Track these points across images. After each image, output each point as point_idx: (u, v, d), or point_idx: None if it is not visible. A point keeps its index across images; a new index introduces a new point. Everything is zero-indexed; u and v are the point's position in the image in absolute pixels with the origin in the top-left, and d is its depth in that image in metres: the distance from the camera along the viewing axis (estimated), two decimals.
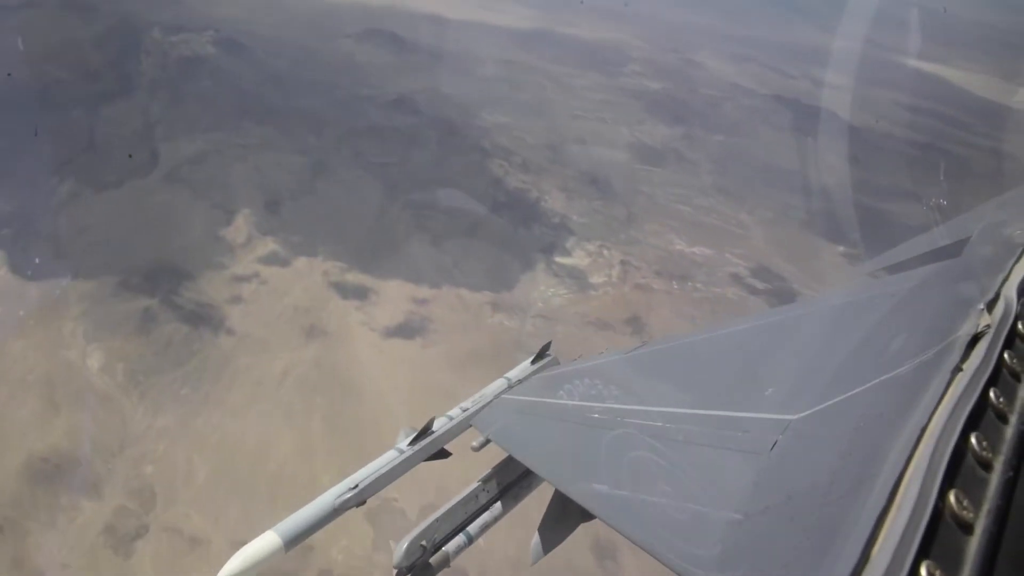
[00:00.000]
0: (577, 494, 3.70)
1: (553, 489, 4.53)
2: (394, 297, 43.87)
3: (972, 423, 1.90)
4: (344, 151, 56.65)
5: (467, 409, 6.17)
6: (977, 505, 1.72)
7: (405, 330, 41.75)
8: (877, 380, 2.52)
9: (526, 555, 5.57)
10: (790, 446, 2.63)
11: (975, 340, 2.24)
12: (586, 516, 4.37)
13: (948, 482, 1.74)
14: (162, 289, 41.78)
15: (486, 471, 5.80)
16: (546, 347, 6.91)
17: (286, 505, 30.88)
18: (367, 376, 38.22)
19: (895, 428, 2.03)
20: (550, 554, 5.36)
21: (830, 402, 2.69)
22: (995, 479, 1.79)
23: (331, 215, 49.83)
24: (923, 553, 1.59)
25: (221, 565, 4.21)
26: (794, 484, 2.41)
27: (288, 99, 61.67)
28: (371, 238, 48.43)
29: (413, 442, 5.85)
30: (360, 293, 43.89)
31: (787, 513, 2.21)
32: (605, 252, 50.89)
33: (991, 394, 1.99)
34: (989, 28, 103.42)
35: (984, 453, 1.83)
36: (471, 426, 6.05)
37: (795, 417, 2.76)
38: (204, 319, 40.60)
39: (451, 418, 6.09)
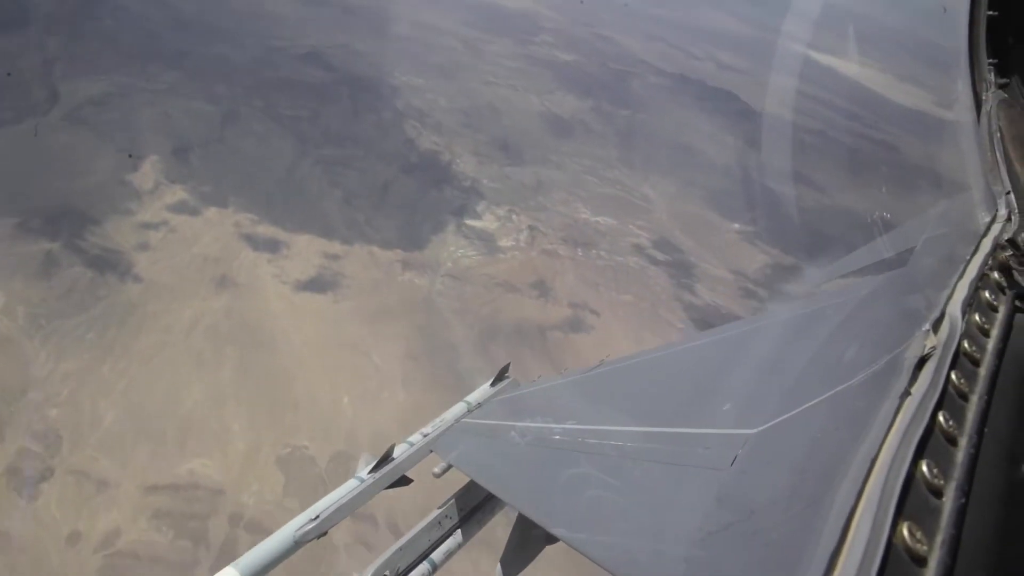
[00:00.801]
0: (539, 517, 3.67)
1: (516, 513, 4.36)
2: (305, 251, 44.08)
3: (922, 450, 1.90)
4: (255, 102, 55.87)
5: (427, 434, 6.01)
6: (930, 536, 1.72)
7: (317, 284, 42.11)
8: (830, 392, 2.57)
9: None
10: (750, 460, 2.66)
11: (922, 362, 2.26)
12: (550, 539, 4.28)
13: (900, 513, 1.73)
14: (64, 233, 40.70)
15: (447, 497, 5.60)
16: (504, 369, 6.84)
17: (196, 451, 31.26)
18: (278, 328, 38.53)
19: (846, 455, 2.03)
20: None
21: (786, 415, 2.74)
22: (947, 506, 1.80)
23: (242, 166, 49.32)
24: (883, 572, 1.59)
25: (130, 507, 4.65)
26: (755, 499, 2.46)
27: (196, 45, 60.14)
28: (282, 191, 48.28)
29: (374, 470, 5.62)
30: (271, 246, 43.89)
31: (749, 529, 2.26)
32: (514, 217, 52.24)
33: (940, 417, 2.00)
34: (883, 27, 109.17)
35: (935, 480, 1.83)
36: (432, 452, 5.90)
37: (754, 431, 2.79)
38: (110, 265, 39.89)
39: (411, 444, 5.92)
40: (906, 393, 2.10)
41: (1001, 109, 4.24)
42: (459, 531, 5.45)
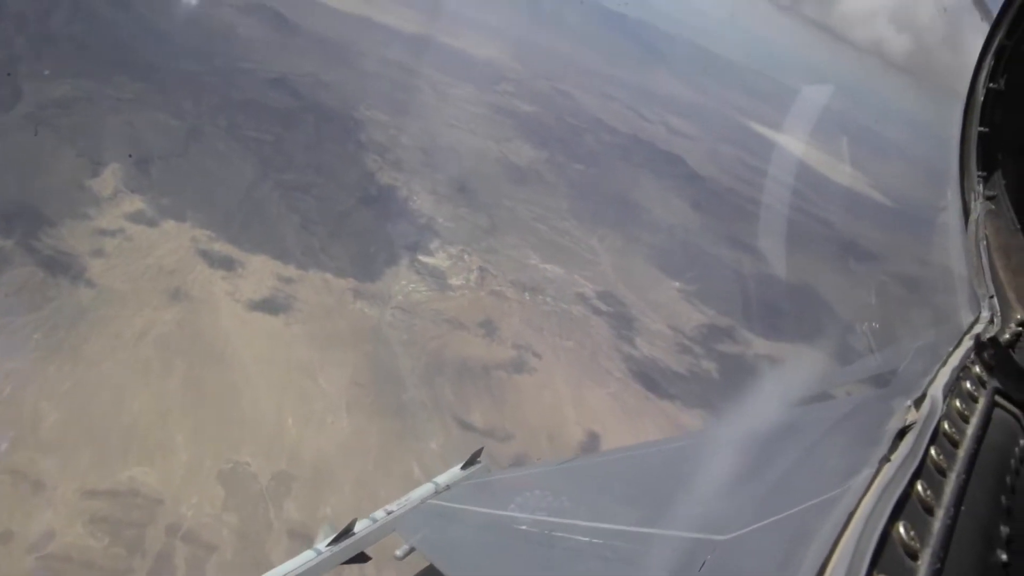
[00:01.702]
0: None
1: None
2: (260, 272, 44.56)
3: (899, 511, 1.90)
4: (220, 120, 56.41)
5: (392, 512, 5.98)
6: None
7: (270, 305, 42.56)
8: (808, 504, 2.54)
9: None
10: (718, 567, 2.63)
11: (902, 433, 2.29)
12: None
13: (874, 566, 1.73)
14: (18, 231, 40.49)
15: None
16: (477, 454, 6.83)
17: (137, 458, 31.36)
18: (229, 345, 38.85)
19: (825, 510, 2.05)
20: None
21: (758, 525, 2.73)
22: (922, 570, 1.79)
23: (202, 182, 49.66)
24: None
25: (66, 510, 5.00)
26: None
27: (166, 59, 60.47)
28: (241, 211, 48.76)
29: (333, 542, 5.65)
30: (227, 263, 44.25)
31: None
32: (466, 257, 53.54)
33: (918, 486, 2.00)
34: (826, 110, 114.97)
35: (911, 543, 1.82)
36: (395, 531, 5.90)
37: (723, 538, 2.77)
38: (63, 267, 39.78)
39: (374, 520, 5.90)
40: (886, 459, 2.12)
41: (988, 219, 4.52)
42: None
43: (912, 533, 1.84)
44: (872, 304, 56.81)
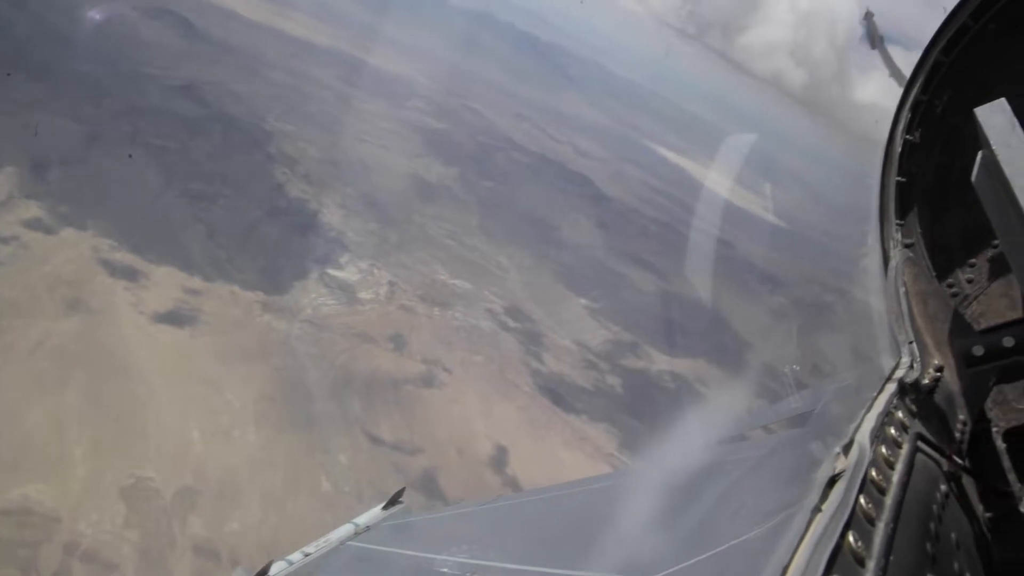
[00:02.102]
0: None
1: None
2: (165, 283, 43.59)
3: (832, 564, 1.85)
4: (123, 126, 54.77)
5: (309, 554, 5.55)
6: None
7: (175, 318, 41.70)
8: (736, 552, 2.55)
9: None
10: None
11: (832, 481, 2.25)
12: None
13: None
14: None
15: None
16: (399, 494, 6.37)
17: (32, 475, 30.28)
18: (132, 357, 37.87)
19: (757, 564, 2.00)
20: None
21: (682, 565, 2.71)
22: None
23: (104, 190, 48.14)
24: None
25: None
26: None
27: (64, 60, 58.27)
28: (145, 221, 47.53)
29: None
30: (130, 274, 43.13)
31: None
32: (375, 271, 53.60)
33: (849, 537, 1.97)
34: (721, 131, 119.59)
35: None
36: (312, 574, 5.43)
37: None
38: None
39: (291, 563, 5.41)
40: (817, 509, 2.10)
41: (906, 266, 4.64)
42: None
43: None
44: (769, 326, 59.57)
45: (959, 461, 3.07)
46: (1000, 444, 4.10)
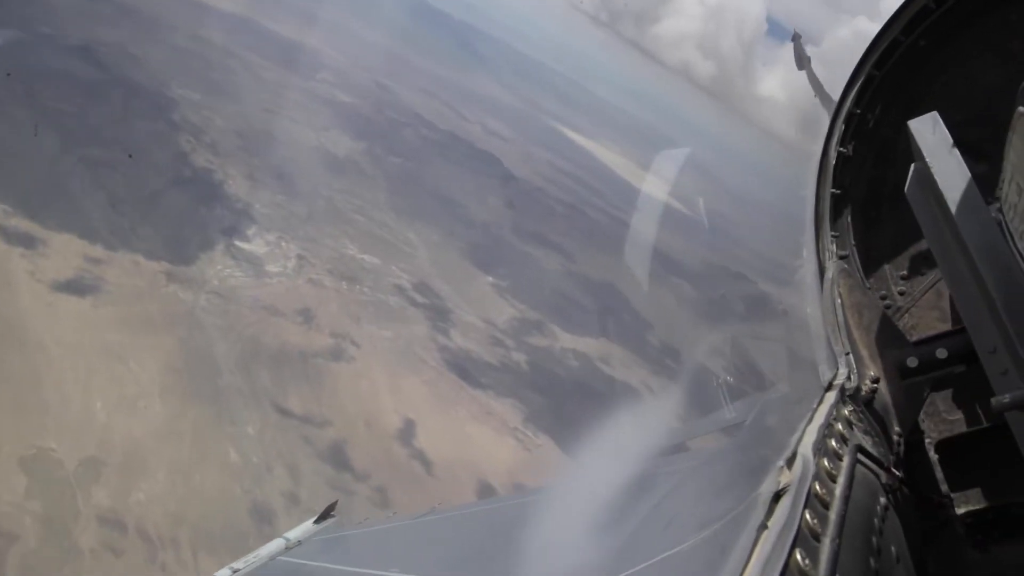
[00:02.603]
0: None
1: None
2: (64, 251, 42.25)
3: None
4: (15, 87, 52.36)
5: (238, 570, 5.69)
6: None
7: (76, 287, 40.56)
8: (672, 552, 2.52)
9: None
10: None
11: (777, 497, 2.20)
12: None
13: None
14: None
15: None
16: (331, 507, 6.70)
17: None
18: (30, 327, 36.75)
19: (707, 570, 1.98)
20: None
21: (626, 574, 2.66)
22: None
23: None
24: None
25: None
26: None
27: None
28: (42, 186, 45.76)
29: None
30: (27, 241, 41.60)
31: None
32: (283, 244, 53.24)
33: (797, 555, 1.93)
34: (629, 117, 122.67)
35: None
36: None
37: None
38: None
39: None
40: (763, 526, 2.08)
41: (841, 278, 4.63)
42: None
43: None
44: (669, 308, 62.05)
45: (897, 473, 3.07)
46: (932, 455, 4.12)
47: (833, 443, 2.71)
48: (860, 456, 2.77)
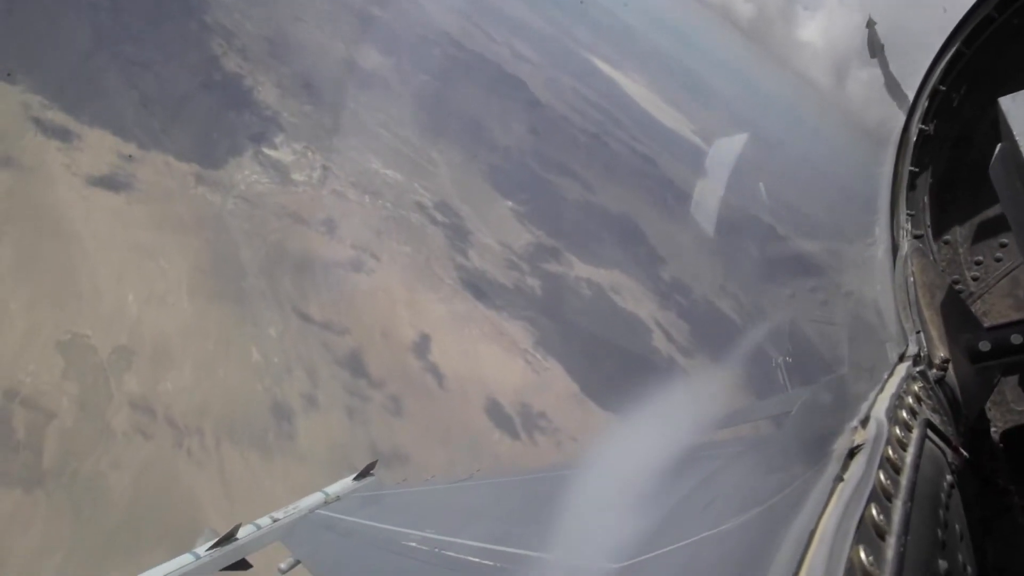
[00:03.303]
0: None
1: None
2: (99, 147, 43.12)
3: (857, 535, 1.84)
4: None
5: (278, 520, 5.84)
6: None
7: (109, 182, 41.57)
8: (752, 521, 2.48)
9: None
10: None
11: (852, 453, 2.23)
12: None
13: None
14: None
15: None
16: (371, 466, 6.85)
17: None
18: (66, 218, 37.93)
19: (781, 532, 1.98)
20: None
21: (652, 554, 2.65)
22: None
23: (32, 45, 46.59)
24: None
25: None
26: None
27: None
28: (76, 80, 46.39)
29: (214, 547, 5.51)
30: (62, 134, 42.46)
31: None
32: (309, 154, 53.83)
33: (872, 509, 1.94)
34: (661, 52, 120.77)
35: (871, 568, 1.76)
36: (280, 540, 5.76)
37: (616, 566, 2.70)
38: None
39: (259, 527, 5.75)
40: (839, 478, 2.08)
41: (915, 257, 4.52)
42: None
43: (871, 559, 1.80)
44: (683, 243, 62.66)
45: (964, 453, 3.02)
46: (997, 443, 4.04)
47: (904, 414, 2.75)
48: (929, 431, 2.76)
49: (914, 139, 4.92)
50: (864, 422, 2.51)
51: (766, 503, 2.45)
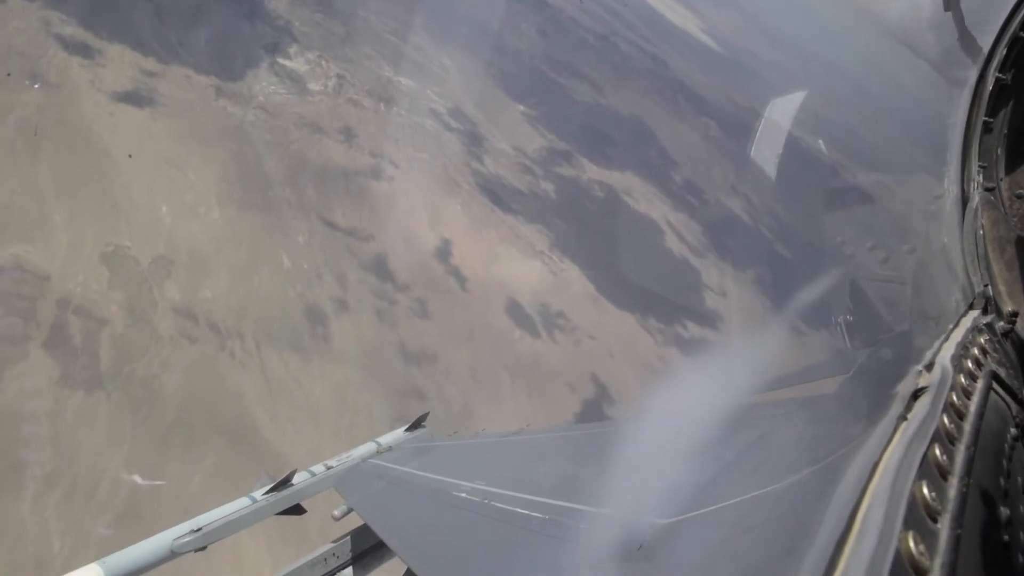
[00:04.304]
0: None
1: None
2: (119, 62, 43.66)
3: (920, 470, 1.84)
4: None
5: (331, 467, 5.99)
6: (931, 553, 1.65)
7: (134, 98, 42.27)
8: (809, 443, 2.56)
9: None
10: (660, 549, 2.54)
11: (916, 395, 2.24)
12: None
13: (905, 524, 1.66)
14: None
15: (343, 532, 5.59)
16: (422, 418, 6.86)
17: (17, 236, 32.47)
18: (95, 134, 38.88)
19: (843, 462, 2.00)
20: None
21: (703, 510, 2.63)
22: (943, 533, 1.72)
23: None
24: None
25: None
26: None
27: None
28: None
29: (270, 492, 5.60)
30: (84, 51, 42.94)
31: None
32: (323, 64, 54.16)
33: (936, 449, 1.94)
34: None
35: (933, 503, 1.76)
36: (333, 487, 5.92)
37: (665, 522, 2.64)
38: None
39: (313, 474, 5.90)
40: (903, 418, 2.09)
41: (985, 210, 4.40)
42: (343, 572, 5.40)
43: (933, 495, 1.80)
44: (694, 144, 63.21)
45: None
46: None
47: (969, 364, 2.72)
48: (994, 383, 2.73)
49: (990, 88, 4.78)
50: (929, 367, 2.54)
51: (826, 449, 2.41)
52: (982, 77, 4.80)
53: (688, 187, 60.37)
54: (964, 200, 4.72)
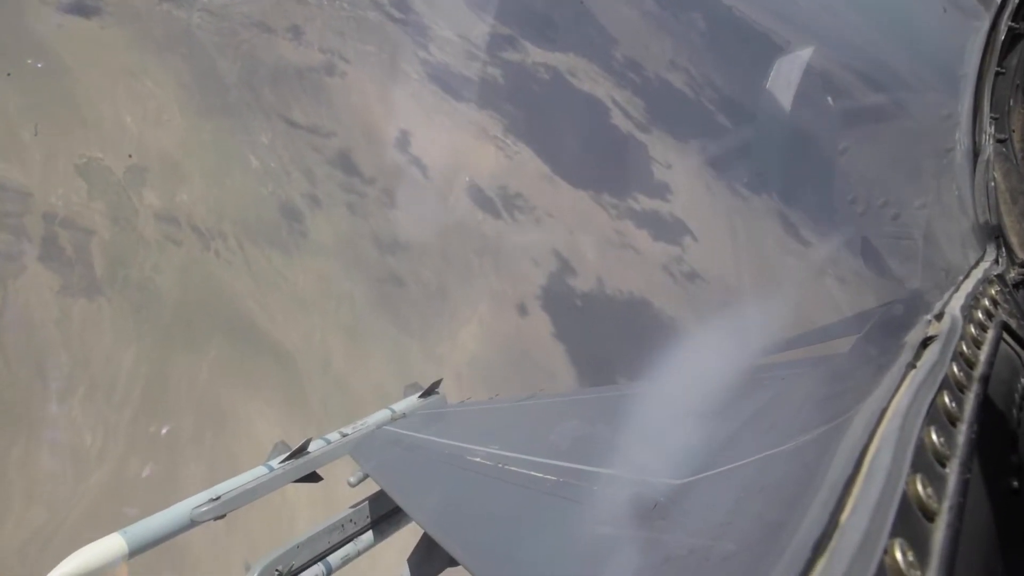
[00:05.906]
0: (446, 542, 3.63)
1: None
2: None
3: (929, 416, 1.84)
4: None
5: (347, 435, 6.02)
6: (939, 496, 1.65)
7: (80, 8, 41.76)
8: (818, 388, 2.61)
9: None
10: (674, 508, 2.54)
11: (925, 343, 2.23)
12: (453, 561, 3.77)
13: (913, 467, 1.66)
14: None
15: (360, 499, 5.63)
16: (436, 384, 6.86)
17: None
18: (47, 46, 38.74)
19: (851, 410, 1.99)
20: None
21: (719, 469, 2.63)
22: (952, 477, 1.72)
23: None
24: (893, 531, 1.49)
25: None
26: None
27: None
28: None
29: (286, 460, 5.65)
30: None
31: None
32: None
33: (944, 396, 1.94)
34: None
35: (942, 448, 1.76)
36: (348, 454, 5.94)
37: (679, 482, 2.66)
38: None
39: (328, 442, 5.93)
40: (911, 365, 2.07)
41: (997, 161, 4.34)
42: (362, 537, 5.48)
43: (942, 440, 1.79)
44: (635, 22, 63.80)
45: None
46: None
47: (979, 314, 2.71)
48: (1005, 334, 2.71)
49: (1002, 38, 4.71)
50: (939, 317, 2.54)
51: (837, 406, 2.35)
52: (994, 26, 4.76)
53: (629, 64, 61.58)
54: (976, 151, 4.67)
